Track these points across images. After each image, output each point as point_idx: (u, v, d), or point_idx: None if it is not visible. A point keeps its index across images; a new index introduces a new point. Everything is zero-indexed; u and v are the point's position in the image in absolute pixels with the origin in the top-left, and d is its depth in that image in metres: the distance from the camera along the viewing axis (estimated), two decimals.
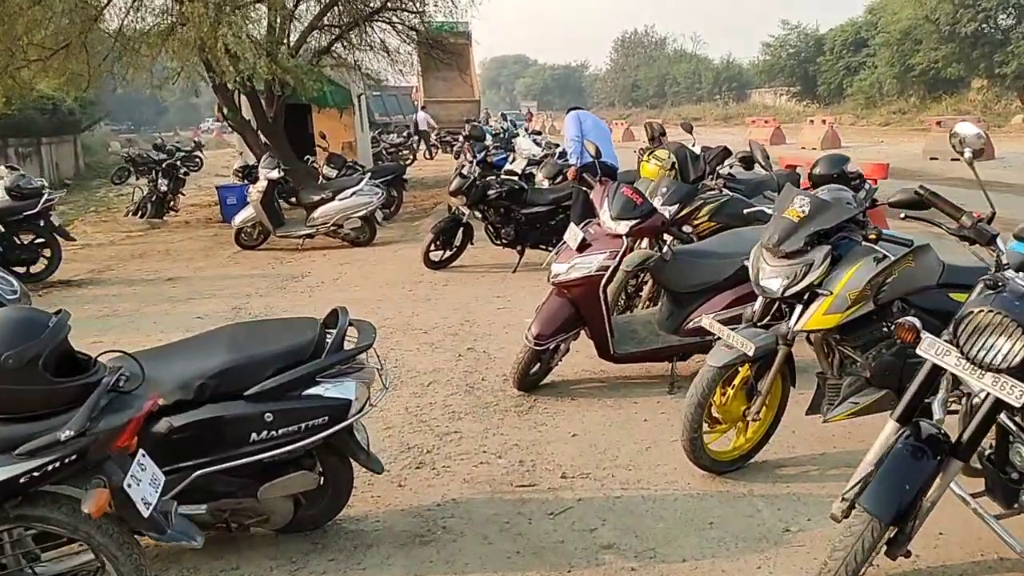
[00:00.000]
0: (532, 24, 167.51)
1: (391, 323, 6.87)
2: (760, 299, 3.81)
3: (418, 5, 16.52)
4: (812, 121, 27.73)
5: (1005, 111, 34.44)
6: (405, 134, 28.46)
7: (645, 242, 5.62)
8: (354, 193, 10.70)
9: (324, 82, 16.06)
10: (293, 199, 13.28)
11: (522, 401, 4.96)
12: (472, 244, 9.32)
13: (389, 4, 15.56)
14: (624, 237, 4.74)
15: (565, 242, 4.97)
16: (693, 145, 7.41)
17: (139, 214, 14.25)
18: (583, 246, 4.78)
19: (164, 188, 14.38)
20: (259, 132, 14.52)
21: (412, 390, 5.25)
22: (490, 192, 8.82)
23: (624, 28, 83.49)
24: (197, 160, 30.90)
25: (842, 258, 3.58)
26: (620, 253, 4.72)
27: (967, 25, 34.86)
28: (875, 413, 3.75)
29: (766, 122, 30.28)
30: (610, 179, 5.40)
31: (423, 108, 30.30)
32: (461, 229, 9.10)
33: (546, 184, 10.19)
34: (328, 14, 15.34)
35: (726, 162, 7.20)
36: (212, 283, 8.94)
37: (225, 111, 14.06)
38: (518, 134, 15.97)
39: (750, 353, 3.56)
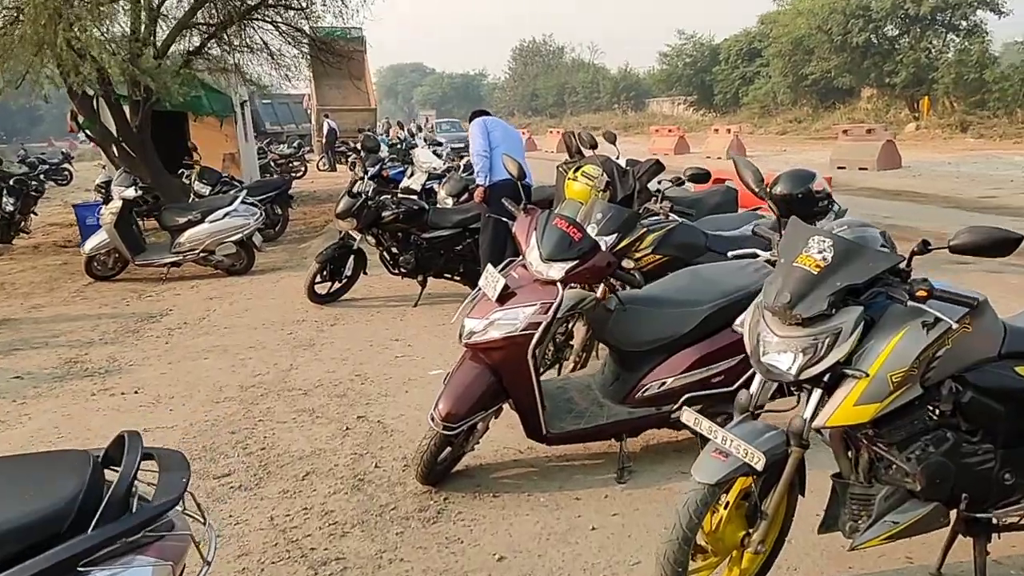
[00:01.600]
0: (429, 32, 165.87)
1: (263, 382, 5.54)
2: (758, 378, 2.74)
3: (304, 3, 15.05)
4: (716, 130, 27.49)
5: (896, 119, 35.22)
6: (296, 144, 26.79)
7: None
8: (227, 214, 9.26)
9: (198, 87, 14.47)
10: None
11: (428, 501, 3.75)
12: (365, 274, 8.04)
13: (269, 1, 14.04)
14: (559, 284, 3.60)
15: (481, 290, 3.80)
16: (618, 158, 6.38)
17: None
18: (505, 296, 3.62)
19: (10, 208, 12.51)
20: (122, 143, 12.79)
21: (282, 486, 3.96)
22: (385, 214, 7.57)
23: (522, 37, 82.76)
24: (65, 173, 28.61)
25: (878, 324, 2.54)
26: (554, 306, 3.58)
27: (858, 35, 35.57)
28: (920, 535, 2.73)
29: (669, 131, 29.91)
30: (536, 206, 4.24)
31: (327, 116, 28.69)
32: (352, 257, 7.81)
33: (450, 203, 9.03)
34: (200, 11, 13.73)
35: (656, 179, 6.22)
36: (48, 327, 7.36)
37: (80, 120, 12.29)
38: (416, 144, 14.71)
39: (759, 466, 2.47)
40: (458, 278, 7.84)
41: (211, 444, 4.43)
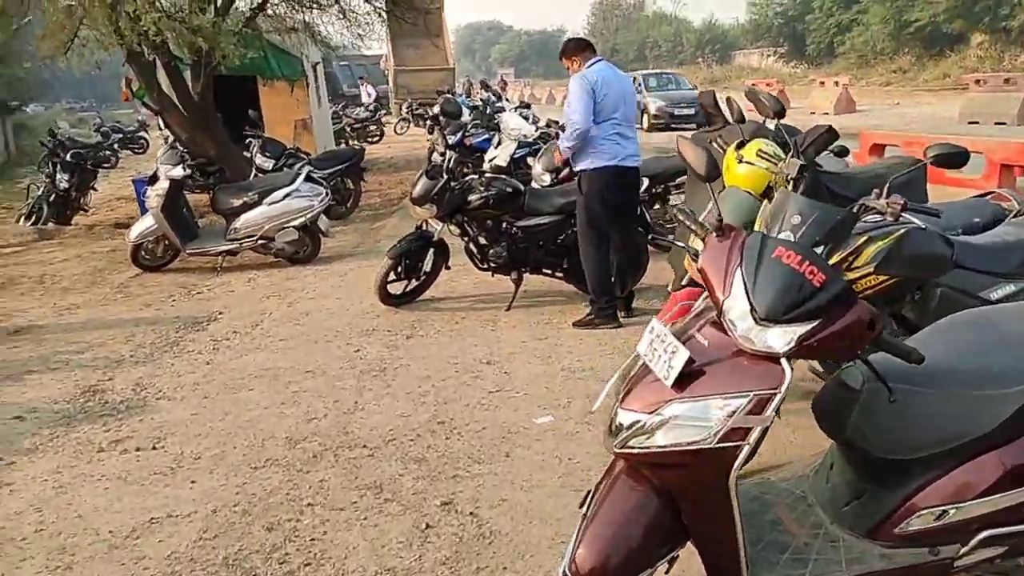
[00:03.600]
0: None
1: (317, 431, 4.22)
2: None
3: None
4: (822, 83, 25.13)
5: (1013, 66, 31.95)
6: (372, 107, 25.59)
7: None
8: (287, 195, 7.99)
9: (263, 49, 13.25)
10: None
11: None
12: (447, 268, 6.66)
13: None
14: (784, 361, 2.11)
15: (642, 359, 2.34)
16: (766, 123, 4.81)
17: (32, 219, 11.40)
18: (688, 377, 2.16)
19: (64, 185, 11.54)
20: (183, 112, 11.65)
21: None
22: (471, 198, 6.15)
23: None
24: (142, 142, 28.07)
25: None
26: (776, 398, 2.09)
27: None
28: None
29: (767, 84, 27.55)
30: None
31: (361, 80, 27.63)
32: (431, 250, 6.42)
33: (547, 179, 7.56)
34: None
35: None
36: (76, 337, 6.22)
37: (134, 87, 11.18)
38: (503, 108, 13.17)
39: None
40: (560, 274, 6.39)
41: (236, 552, 3.13)
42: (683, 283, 4.07)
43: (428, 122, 16.56)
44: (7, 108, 27.18)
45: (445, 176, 6.19)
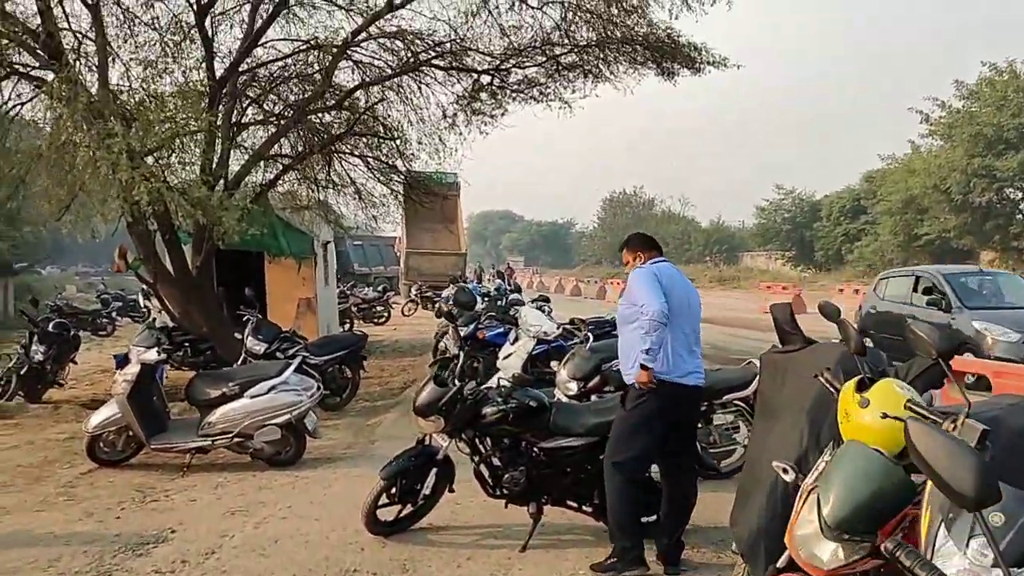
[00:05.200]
0: (519, 182, 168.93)
1: None
2: None
3: (397, 135, 13.41)
4: (841, 290, 24.75)
5: None
6: (381, 288, 25.20)
7: None
8: (272, 388, 6.99)
9: (273, 225, 12.76)
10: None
11: None
12: (451, 491, 5.54)
13: (356, 129, 12.39)
14: None
15: None
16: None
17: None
18: None
19: (39, 357, 10.61)
20: (180, 284, 10.89)
21: None
22: (487, 412, 5.13)
23: (612, 188, 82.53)
24: (144, 310, 27.47)
25: None
26: None
27: (980, 196, 32.75)
28: None
29: (783, 288, 27.24)
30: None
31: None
32: (434, 470, 5.34)
33: (573, 388, 6.58)
34: (280, 141, 12.15)
35: None
36: None
37: (129, 257, 10.50)
38: (520, 299, 12.42)
39: None
40: (589, 509, 5.27)
41: None
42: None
43: (438, 306, 15.91)
44: (10, 270, 26.86)
45: (456, 384, 5.22)
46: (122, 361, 8.14)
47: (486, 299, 13.86)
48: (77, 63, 8.93)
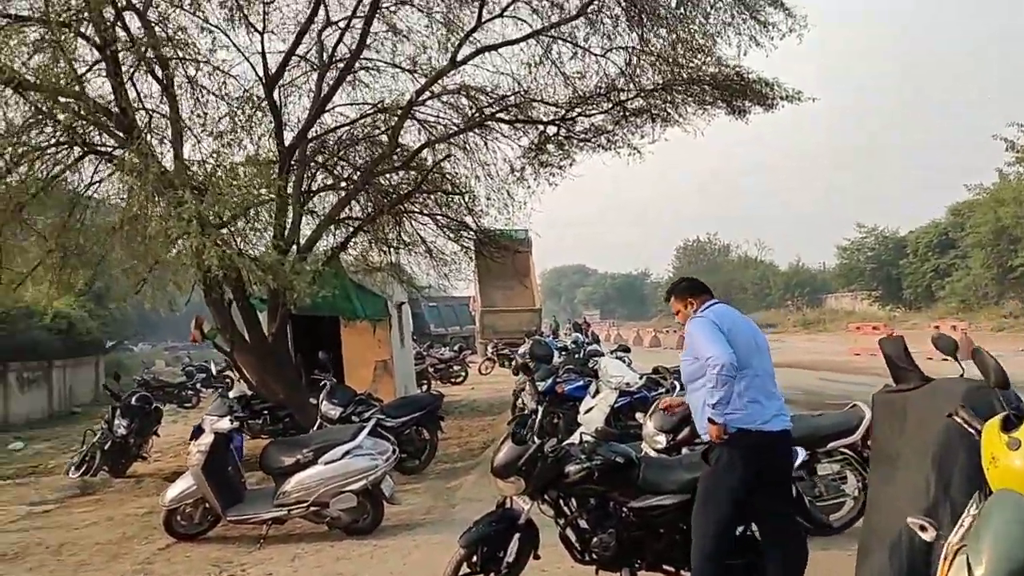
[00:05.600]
0: (589, 234, 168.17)
1: None
2: None
3: (465, 191, 13.34)
4: (937, 327, 23.53)
5: None
6: (457, 347, 25.11)
7: None
8: (347, 453, 6.76)
9: (347, 289, 12.75)
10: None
11: None
12: (536, 558, 5.15)
13: (424, 187, 12.34)
14: None
15: None
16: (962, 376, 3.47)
17: (82, 470, 10.43)
18: None
19: (122, 431, 10.67)
20: (256, 352, 10.87)
21: None
22: (570, 470, 4.77)
23: (685, 236, 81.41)
24: (228, 380, 27.96)
25: None
26: None
27: None
28: None
29: (874, 328, 26.04)
30: None
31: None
32: (516, 535, 4.97)
33: (661, 441, 6.16)
34: (351, 204, 12.20)
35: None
36: None
37: (205, 327, 10.55)
38: (599, 350, 12.03)
39: None
40: (687, 574, 4.82)
41: None
42: None
43: (514, 363, 15.62)
44: (101, 348, 27.73)
45: (536, 441, 4.88)
46: (197, 432, 8.07)
47: (563, 353, 13.49)
48: (149, 136, 9.10)
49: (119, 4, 8.80)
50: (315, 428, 9.02)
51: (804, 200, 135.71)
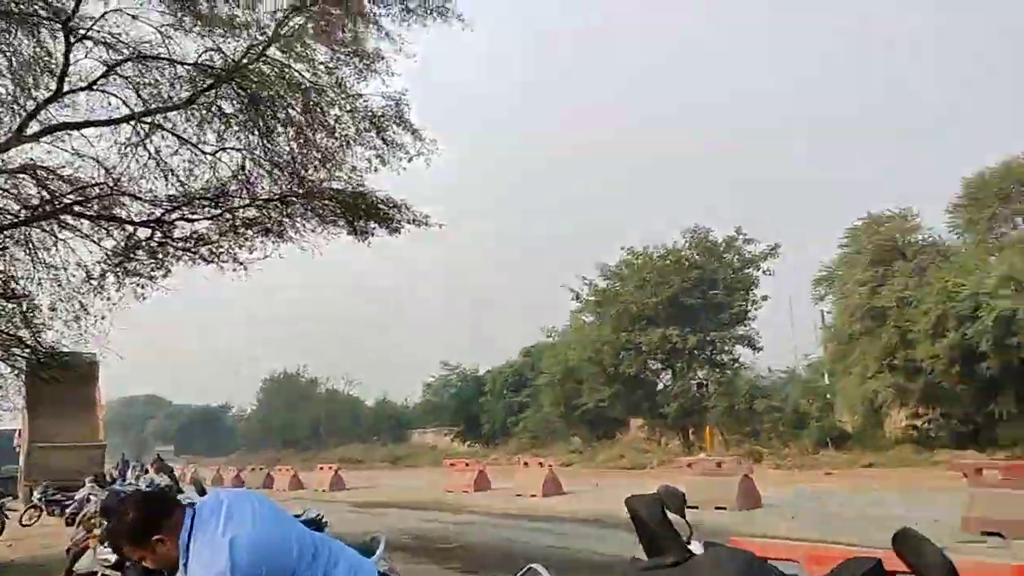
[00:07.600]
0: (164, 362, 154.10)
1: None
2: None
3: (25, 309, 10.74)
4: (526, 463, 24.60)
5: (668, 449, 34.54)
6: None
7: None
8: None
9: None
10: None
11: None
12: None
13: None
14: None
15: None
16: (690, 539, 2.78)
17: None
18: None
19: None
20: None
21: None
22: None
23: (272, 368, 78.43)
24: None
25: None
26: None
27: (629, 367, 35.69)
28: None
29: (466, 464, 26.52)
30: None
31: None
32: None
33: None
34: None
35: None
36: None
37: None
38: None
39: None
40: None
41: None
42: None
43: (69, 512, 12.62)
44: None
45: None
46: None
47: None
48: None
49: None
50: None
51: (393, 338, 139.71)
